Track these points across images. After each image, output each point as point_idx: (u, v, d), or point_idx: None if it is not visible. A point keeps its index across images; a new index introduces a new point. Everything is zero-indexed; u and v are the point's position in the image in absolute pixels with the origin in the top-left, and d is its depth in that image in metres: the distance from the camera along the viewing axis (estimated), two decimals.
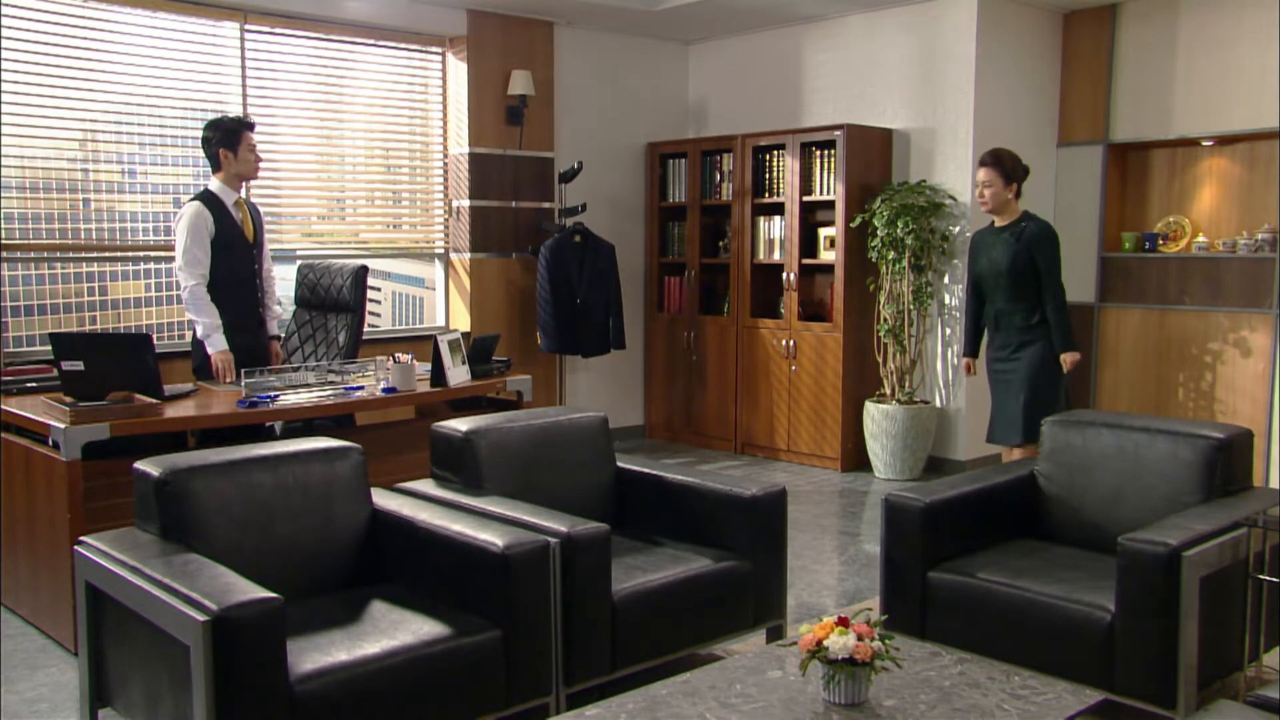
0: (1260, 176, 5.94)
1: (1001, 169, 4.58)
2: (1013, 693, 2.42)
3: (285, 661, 2.40)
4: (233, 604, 2.32)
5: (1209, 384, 6.11)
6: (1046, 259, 4.54)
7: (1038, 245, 4.53)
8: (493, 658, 2.78)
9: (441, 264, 6.75)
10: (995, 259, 4.61)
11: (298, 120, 6.01)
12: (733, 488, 3.46)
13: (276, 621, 2.37)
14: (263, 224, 4.84)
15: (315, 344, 5.23)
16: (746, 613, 3.40)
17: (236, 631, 2.30)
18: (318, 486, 3.09)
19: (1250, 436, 3.43)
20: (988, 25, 6.10)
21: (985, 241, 4.71)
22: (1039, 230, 4.57)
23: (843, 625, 2.34)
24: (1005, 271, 4.56)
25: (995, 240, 4.64)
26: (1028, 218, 4.62)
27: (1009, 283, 4.57)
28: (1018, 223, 4.61)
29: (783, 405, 6.70)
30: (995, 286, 4.64)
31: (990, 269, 4.64)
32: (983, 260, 4.70)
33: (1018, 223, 4.61)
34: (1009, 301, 4.61)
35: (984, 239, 4.72)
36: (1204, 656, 2.85)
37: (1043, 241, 4.54)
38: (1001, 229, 4.63)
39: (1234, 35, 5.82)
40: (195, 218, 4.47)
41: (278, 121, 5.92)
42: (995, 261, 4.61)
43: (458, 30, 6.45)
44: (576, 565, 2.93)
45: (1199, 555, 2.80)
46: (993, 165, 4.59)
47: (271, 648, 2.36)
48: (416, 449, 4.32)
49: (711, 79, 7.52)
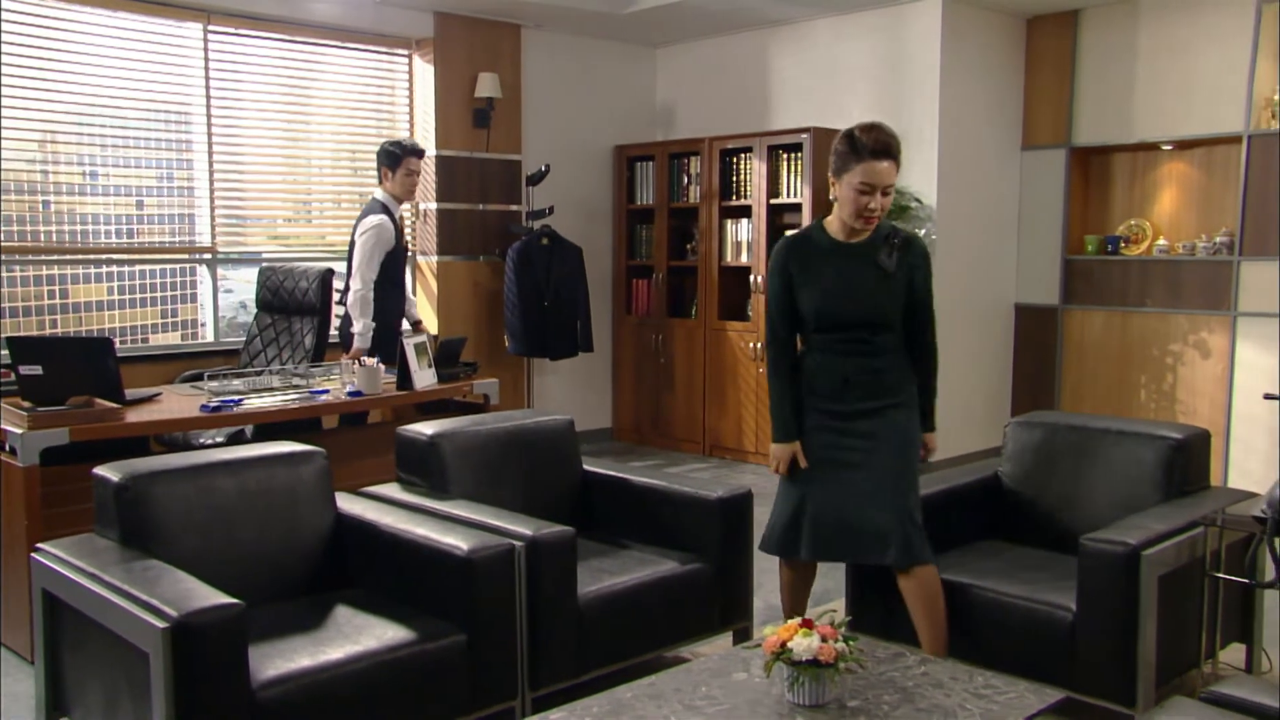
0: (1218, 180, 6.02)
1: (898, 159, 3.05)
2: (975, 692, 2.44)
3: (247, 668, 2.38)
4: (193, 610, 2.29)
5: (1170, 385, 6.19)
6: (927, 283, 3.15)
7: (920, 263, 3.13)
8: (457, 662, 2.77)
9: (409, 267, 6.71)
10: (853, 281, 3.08)
11: (263, 122, 5.96)
12: (698, 490, 3.46)
13: (238, 627, 2.35)
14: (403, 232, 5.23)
15: (280, 347, 5.19)
16: (713, 615, 3.41)
17: (197, 638, 2.28)
18: (281, 491, 3.07)
19: (1208, 437, 3.47)
20: (952, 30, 6.15)
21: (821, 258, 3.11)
22: (918, 243, 3.17)
23: (807, 627, 2.36)
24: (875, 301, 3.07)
25: (846, 257, 3.09)
26: (891, 227, 3.14)
27: (879, 317, 3.08)
28: (880, 234, 3.09)
29: (751, 407, 6.72)
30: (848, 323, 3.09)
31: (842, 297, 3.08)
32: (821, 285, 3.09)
33: (880, 234, 3.09)
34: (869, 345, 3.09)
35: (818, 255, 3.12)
36: (1163, 654, 2.89)
37: (925, 258, 3.16)
38: (856, 245, 3.09)
39: (1192, 41, 5.90)
40: (379, 229, 4.92)
41: (242, 123, 5.87)
42: (854, 286, 3.08)
43: (424, 33, 6.42)
44: (541, 568, 2.93)
45: (1157, 554, 2.84)
46: (898, 156, 3.04)
47: (233, 654, 2.34)
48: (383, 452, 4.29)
49: (679, 82, 7.54)
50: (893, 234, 3.11)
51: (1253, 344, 5.70)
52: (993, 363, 6.70)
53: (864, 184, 2.99)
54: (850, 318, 3.08)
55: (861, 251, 3.09)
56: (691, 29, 7.10)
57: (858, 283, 3.07)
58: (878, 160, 2.98)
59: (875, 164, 2.98)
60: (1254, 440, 5.71)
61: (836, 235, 3.12)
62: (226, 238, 5.86)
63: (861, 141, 3.00)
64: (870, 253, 3.08)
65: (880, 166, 2.99)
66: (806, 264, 3.12)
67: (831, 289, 3.09)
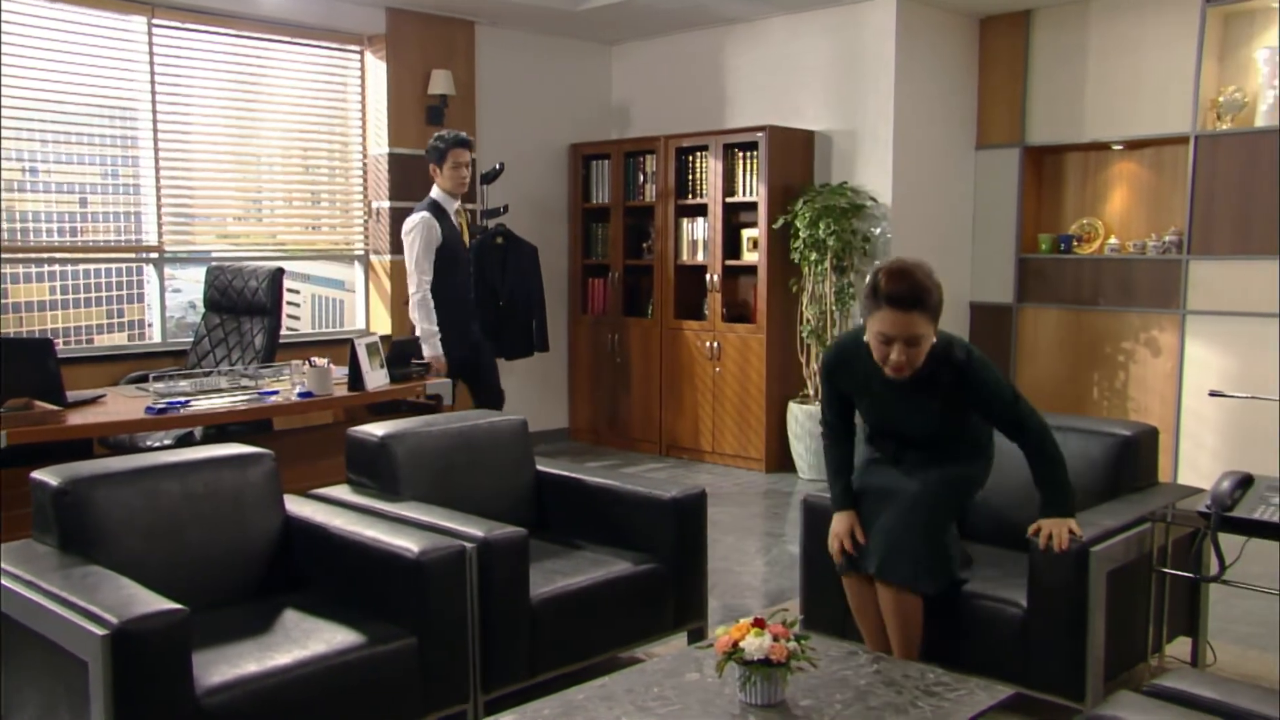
0: (1167, 180, 6.13)
1: (931, 308, 2.78)
2: (927, 690, 2.46)
3: (191, 675, 2.34)
4: (134, 617, 2.26)
5: (1122, 383, 6.29)
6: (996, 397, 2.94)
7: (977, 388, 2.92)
8: (408, 665, 2.75)
9: (361, 266, 6.66)
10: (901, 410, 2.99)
11: (211, 118, 5.89)
12: (652, 490, 3.47)
13: (181, 633, 2.32)
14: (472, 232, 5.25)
15: (229, 348, 5.13)
16: (667, 615, 3.41)
17: (139, 645, 2.24)
18: (228, 494, 3.03)
19: (1156, 434, 3.53)
20: (906, 29, 6.21)
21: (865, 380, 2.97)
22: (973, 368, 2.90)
23: (759, 626, 2.36)
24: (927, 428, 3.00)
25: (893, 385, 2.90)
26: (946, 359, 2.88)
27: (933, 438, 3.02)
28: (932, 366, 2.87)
29: (707, 407, 6.74)
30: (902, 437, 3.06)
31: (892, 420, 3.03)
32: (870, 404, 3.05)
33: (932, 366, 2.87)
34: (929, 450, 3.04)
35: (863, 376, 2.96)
36: (1112, 649, 2.93)
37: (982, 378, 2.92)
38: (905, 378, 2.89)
39: (1140, 42, 5.99)
40: (427, 228, 4.83)
41: (189, 119, 5.79)
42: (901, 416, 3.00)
43: (376, 29, 6.38)
44: (493, 570, 2.92)
45: (1106, 550, 2.88)
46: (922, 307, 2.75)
47: (177, 661, 2.31)
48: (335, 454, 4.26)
49: (634, 80, 7.54)
50: (944, 360, 2.83)
51: (1201, 342, 5.81)
52: None
53: (881, 333, 2.76)
54: (903, 435, 3.02)
55: (913, 382, 2.84)
56: (647, 26, 7.10)
57: (905, 413, 2.96)
58: (894, 310, 2.71)
59: (892, 313, 2.72)
60: (1203, 436, 5.81)
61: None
62: (174, 236, 5.78)
63: (881, 287, 2.73)
64: (921, 386, 2.85)
65: (897, 317, 2.71)
66: (852, 382, 3.01)
67: (881, 413, 3.01)
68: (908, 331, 2.74)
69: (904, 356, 2.76)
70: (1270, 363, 5.52)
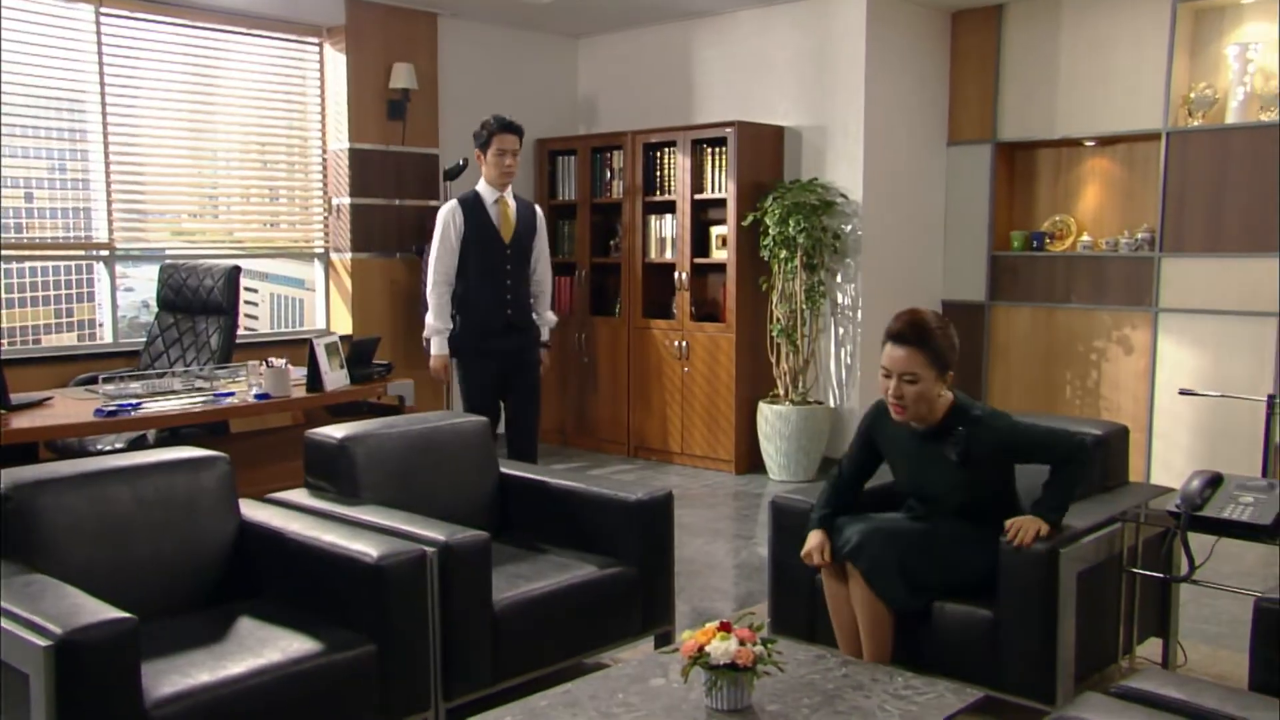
0: (1139, 177, 6.19)
1: (932, 350, 2.96)
2: (895, 693, 2.47)
3: (139, 686, 2.31)
4: (79, 626, 2.22)
5: (1094, 381, 6.35)
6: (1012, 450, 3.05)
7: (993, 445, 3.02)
8: (367, 673, 2.73)
9: (321, 264, 6.61)
10: (925, 472, 3.11)
11: (163, 112, 5.82)
12: (617, 492, 3.46)
13: (130, 643, 2.28)
14: (536, 224, 4.80)
15: (183, 348, 5.08)
16: (634, 619, 3.40)
17: (83, 656, 2.21)
18: (181, 499, 2.99)
19: (1126, 433, 3.57)
20: (877, 23, 6.24)
21: (894, 441, 3.16)
22: (986, 426, 3.01)
23: (725, 630, 2.37)
24: (949, 490, 3.07)
25: (920, 442, 3.08)
26: (964, 416, 3.02)
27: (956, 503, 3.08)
28: (949, 425, 3.02)
29: (676, 408, 6.74)
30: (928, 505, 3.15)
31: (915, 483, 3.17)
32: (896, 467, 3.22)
33: (949, 425, 3.02)
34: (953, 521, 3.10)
35: (893, 436, 3.16)
36: (1082, 650, 2.96)
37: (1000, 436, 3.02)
38: (924, 433, 3.06)
39: (1112, 38, 6.05)
40: (446, 216, 4.62)
41: (141, 112, 5.72)
42: (926, 479, 3.12)
43: (335, 20, 6.33)
44: (455, 575, 2.90)
45: (1075, 551, 2.91)
46: (920, 345, 2.96)
47: (124, 672, 2.27)
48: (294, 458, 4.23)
49: (601, 74, 7.53)
50: (962, 416, 3.01)
51: (1173, 340, 5.88)
52: None
53: (883, 368, 3.01)
54: (929, 497, 3.13)
55: (934, 437, 3.04)
56: (613, 20, 7.10)
57: (926, 468, 3.09)
58: (893, 345, 2.98)
59: (892, 349, 2.98)
60: (1175, 435, 5.88)
61: (914, 424, 3.08)
62: (126, 233, 5.71)
63: (891, 324, 3.01)
64: (942, 441, 3.03)
65: (895, 352, 2.96)
66: (884, 434, 3.18)
67: (906, 470, 3.17)
68: (903, 367, 2.95)
69: (901, 392, 2.96)
70: (1242, 360, 5.59)
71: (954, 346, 3.01)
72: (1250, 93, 5.60)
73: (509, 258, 4.68)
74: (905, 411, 3.00)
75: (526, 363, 4.80)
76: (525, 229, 4.73)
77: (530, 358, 4.82)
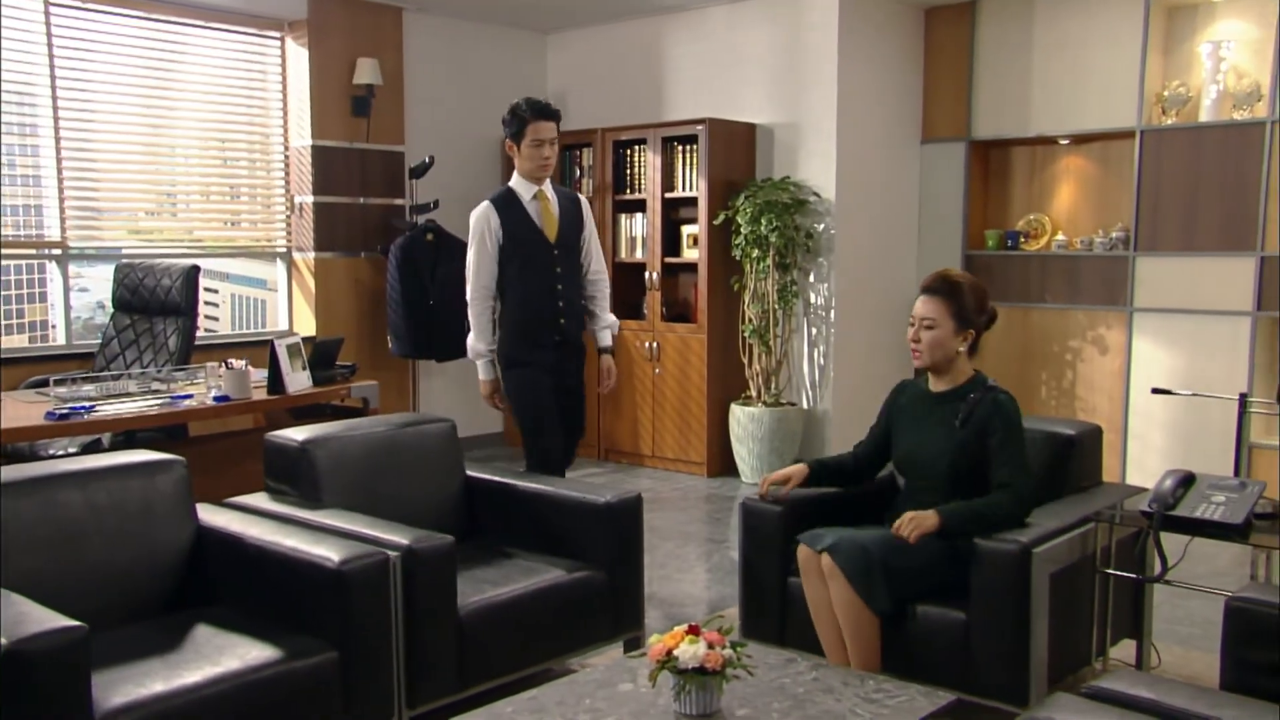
0: (1114, 175, 6.26)
1: (956, 303, 3.18)
2: (866, 697, 2.48)
3: (89, 697, 2.28)
4: (25, 636, 2.19)
5: (1070, 382, 6.41)
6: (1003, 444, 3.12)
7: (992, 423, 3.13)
8: (329, 681, 2.71)
9: (284, 264, 6.57)
10: (925, 442, 3.24)
11: (119, 107, 5.76)
12: (586, 495, 3.46)
13: (79, 653, 2.25)
14: (582, 216, 4.29)
15: (140, 350, 5.03)
16: (603, 625, 3.40)
17: (30, 666, 2.17)
18: (135, 504, 2.97)
19: (1099, 432, 3.60)
20: (849, 18, 6.27)
21: (910, 409, 3.33)
22: (987, 403, 3.15)
23: (693, 634, 2.37)
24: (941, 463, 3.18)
25: (931, 407, 3.26)
26: (980, 385, 3.21)
27: (945, 477, 3.18)
28: (963, 391, 3.21)
29: (647, 410, 6.74)
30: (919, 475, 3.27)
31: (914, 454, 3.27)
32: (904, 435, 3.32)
33: (963, 391, 3.21)
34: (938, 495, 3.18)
35: (909, 405, 3.34)
36: (1056, 652, 2.98)
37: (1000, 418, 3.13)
38: (939, 395, 3.26)
39: (1086, 34, 6.11)
40: (477, 221, 4.13)
41: (95, 107, 5.66)
42: (924, 445, 3.24)
43: (297, 14, 6.30)
44: (419, 580, 2.89)
45: (1048, 551, 2.93)
46: (945, 295, 3.18)
47: (73, 682, 2.24)
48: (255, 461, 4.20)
49: (570, 70, 7.53)
50: (979, 384, 3.21)
51: (1148, 339, 5.94)
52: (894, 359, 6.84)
53: (911, 316, 3.26)
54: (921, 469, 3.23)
55: (947, 399, 3.23)
56: (582, 15, 7.10)
57: (928, 431, 3.23)
58: (922, 295, 3.23)
59: (920, 299, 3.24)
60: (1151, 436, 5.94)
61: (931, 386, 3.29)
62: (79, 231, 5.65)
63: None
64: (953, 404, 3.20)
65: (921, 300, 3.21)
66: (898, 411, 3.36)
67: (909, 435, 3.28)
68: (924, 312, 3.20)
69: (918, 336, 3.20)
70: (1218, 360, 5.66)
71: (981, 309, 3.21)
72: (1223, 91, 5.68)
73: (556, 259, 4.16)
74: (921, 356, 3.22)
75: (573, 387, 4.28)
76: (570, 223, 4.22)
77: (578, 380, 4.30)
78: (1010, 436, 3.11)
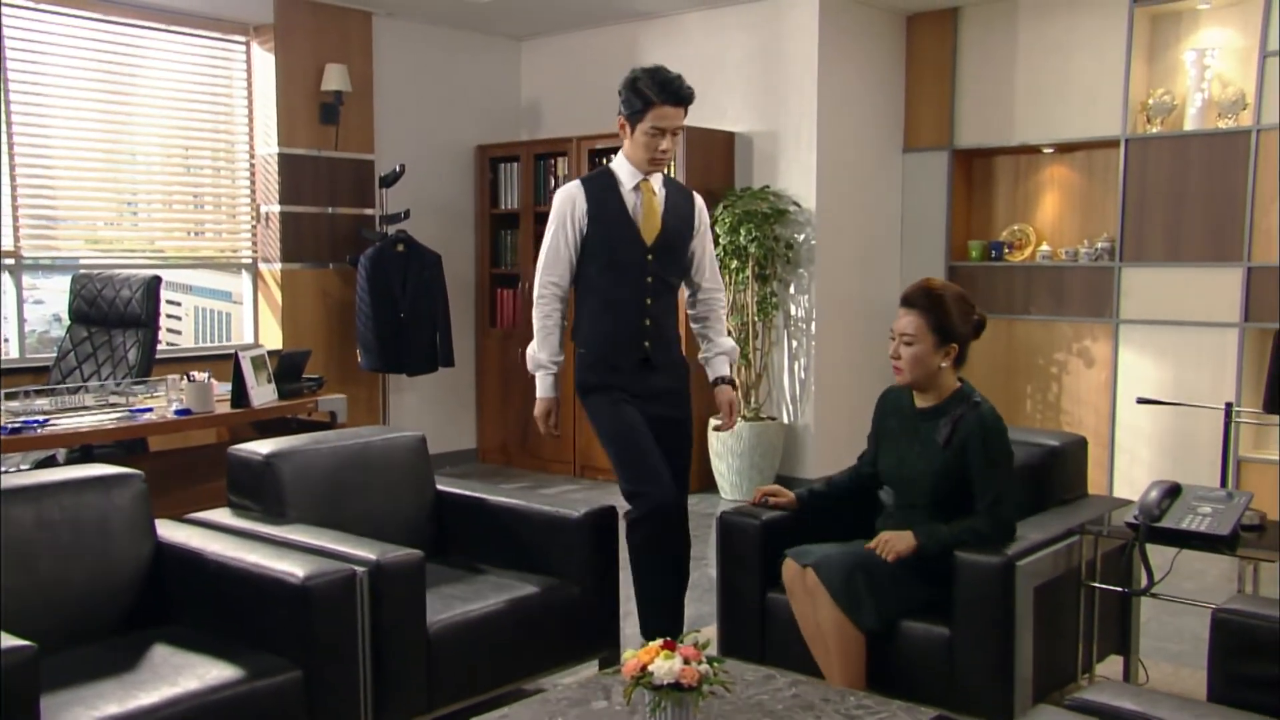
0: (1099, 185, 6.31)
1: (937, 316, 3.10)
2: (847, 714, 2.47)
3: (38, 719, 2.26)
4: None
5: (1055, 394, 6.44)
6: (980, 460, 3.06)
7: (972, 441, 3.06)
8: (292, 701, 2.68)
9: (249, 275, 6.54)
10: (908, 460, 3.18)
11: (75, 112, 5.72)
12: (559, 509, 3.46)
13: (28, 674, 2.22)
14: (695, 220, 3.64)
15: (98, 363, 5.00)
16: (577, 642, 3.40)
17: None
18: (90, 520, 2.94)
19: (1084, 444, 3.62)
20: (829, 26, 6.31)
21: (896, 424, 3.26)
22: (972, 419, 3.08)
23: (669, 649, 2.36)
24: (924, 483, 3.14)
25: (917, 424, 3.19)
26: (964, 400, 3.13)
27: (929, 498, 3.13)
28: (947, 407, 3.14)
29: None
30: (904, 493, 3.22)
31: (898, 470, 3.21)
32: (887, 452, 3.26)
33: (947, 407, 3.14)
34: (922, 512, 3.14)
35: (895, 419, 3.27)
36: (1041, 668, 2.99)
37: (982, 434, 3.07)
38: (923, 412, 3.19)
39: (1069, 43, 6.17)
40: (560, 201, 3.56)
41: (49, 112, 5.62)
42: (908, 464, 3.18)
43: (263, 18, 6.28)
44: (387, 596, 2.87)
45: (1032, 564, 2.94)
46: (925, 309, 3.10)
47: (21, 704, 2.21)
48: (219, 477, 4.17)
49: (545, 78, 7.55)
50: (962, 400, 3.15)
51: (1134, 351, 5.98)
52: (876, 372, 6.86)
53: (890, 329, 3.21)
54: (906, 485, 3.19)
55: (931, 415, 3.17)
56: (557, 21, 7.12)
57: (911, 448, 3.18)
58: (901, 307, 3.18)
59: (900, 311, 3.19)
60: (1137, 448, 5.98)
61: (916, 401, 3.23)
62: (33, 241, 5.61)
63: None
64: (937, 420, 3.15)
65: (900, 315, 3.16)
66: (884, 422, 3.31)
67: (893, 450, 3.23)
68: (903, 328, 3.13)
69: (899, 353, 3.14)
70: (1205, 372, 5.70)
71: (964, 321, 3.14)
72: (1208, 99, 5.74)
73: (650, 265, 3.51)
74: (902, 373, 3.16)
75: (674, 419, 3.62)
76: (677, 225, 3.56)
77: (681, 413, 3.65)
78: (992, 458, 3.06)
